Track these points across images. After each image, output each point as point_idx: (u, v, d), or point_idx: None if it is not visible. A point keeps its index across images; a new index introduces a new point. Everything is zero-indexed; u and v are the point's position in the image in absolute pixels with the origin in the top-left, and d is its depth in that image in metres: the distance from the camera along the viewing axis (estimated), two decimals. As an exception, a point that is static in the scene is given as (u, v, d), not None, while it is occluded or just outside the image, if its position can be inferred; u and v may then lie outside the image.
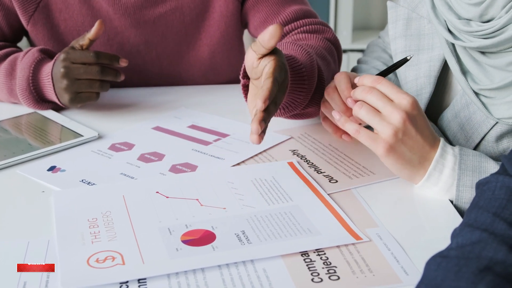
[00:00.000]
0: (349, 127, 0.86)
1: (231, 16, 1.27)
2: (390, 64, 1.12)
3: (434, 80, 0.97)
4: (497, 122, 0.88)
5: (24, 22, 1.23)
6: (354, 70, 1.15)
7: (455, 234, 0.65)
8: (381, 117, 0.83)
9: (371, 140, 0.83)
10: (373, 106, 0.84)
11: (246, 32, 1.38)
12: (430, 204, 0.85)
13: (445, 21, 0.93)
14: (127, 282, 0.68)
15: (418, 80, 0.99)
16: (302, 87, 0.96)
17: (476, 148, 0.93)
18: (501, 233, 0.62)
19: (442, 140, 0.85)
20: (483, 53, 0.90)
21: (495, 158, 0.91)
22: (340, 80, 0.90)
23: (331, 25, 2.69)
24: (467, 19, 0.89)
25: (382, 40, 1.20)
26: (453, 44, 0.94)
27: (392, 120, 0.82)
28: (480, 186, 0.71)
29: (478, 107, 0.90)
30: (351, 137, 0.91)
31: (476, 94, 0.90)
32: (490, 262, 0.58)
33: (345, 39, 2.70)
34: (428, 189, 0.86)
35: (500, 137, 0.89)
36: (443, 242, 0.68)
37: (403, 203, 0.86)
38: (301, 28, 1.20)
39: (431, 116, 1.00)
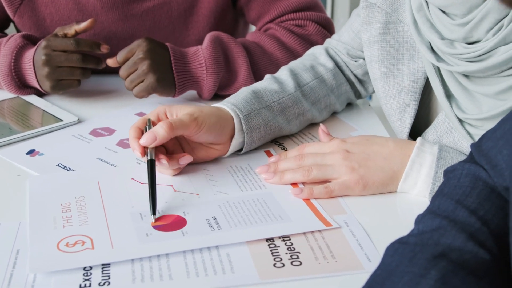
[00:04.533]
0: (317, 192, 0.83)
1: (221, 12, 1.26)
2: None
3: (419, 96, 0.91)
4: None
5: (10, 14, 1.24)
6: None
7: (418, 220, 0.66)
8: (328, 166, 0.85)
9: (344, 188, 0.83)
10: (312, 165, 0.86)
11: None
12: (399, 192, 0.85)
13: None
14: (91, 264, 0.69)
15: (401, 96, 0.92)
16: None
17: None
18: (461, 220, 0.62)
19: (420, 140, 0.84)
20: (467, 77, 0.83)
21: None
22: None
23: (328, 13, 2.68)
24: (450, 40, 0.81)
25: (335, 42, 1.11)
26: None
27: (338, 161, 0.84)
28: (447, 173, 0.71)
29: (463, 136, 0.84)
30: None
31: (461, 121, 0.84)
32: (447, 248, 0.59)
33: (341, 27, 2.69)
34: (408, 191, 0.84)
35: None
36: (410, 229, 0.68)
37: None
38: (283, 24, 1.23)
39: (412, 134, 0.95)
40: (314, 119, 1.04)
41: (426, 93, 0.92)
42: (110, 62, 1.12)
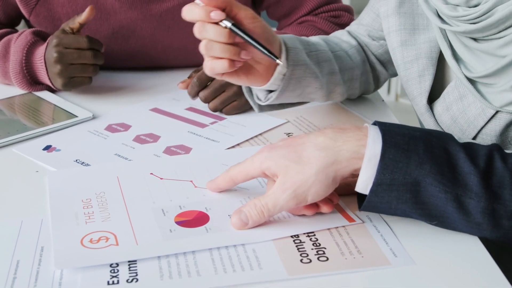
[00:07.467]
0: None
1: None
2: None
3: (435, 62, 0.94)
4: (497, 112, 0.84)
5: (25, 13, 1.23)
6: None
7: None
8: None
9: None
10: None
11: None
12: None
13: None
14: (117, 260, 0.69)
15: (419, 61, 0.95)
16: None
17: None
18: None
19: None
20: (475, 40, 0.87)
21: None
22: None
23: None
24: (454, 5, 0.86)
25: (356, 27, 1.13)
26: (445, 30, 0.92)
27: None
28: None
29: (474, 95, 0.86)
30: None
31: (472, 82, 0.87)
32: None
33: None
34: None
35: (505, 128, 0.85)
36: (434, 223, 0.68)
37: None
38: (320, 15, 1.28)
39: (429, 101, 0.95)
40: (339, 84, 1.02)
41: (441, 62, 0.96)
42: (182, 86, 1.12)
